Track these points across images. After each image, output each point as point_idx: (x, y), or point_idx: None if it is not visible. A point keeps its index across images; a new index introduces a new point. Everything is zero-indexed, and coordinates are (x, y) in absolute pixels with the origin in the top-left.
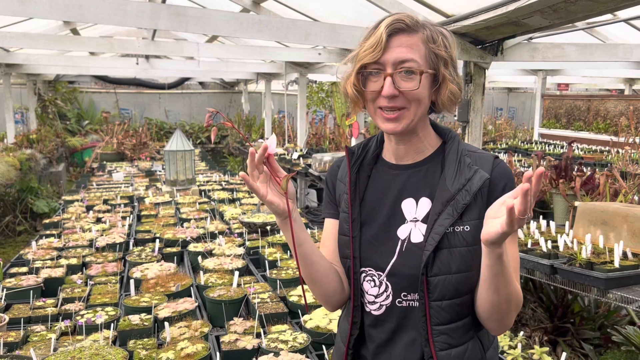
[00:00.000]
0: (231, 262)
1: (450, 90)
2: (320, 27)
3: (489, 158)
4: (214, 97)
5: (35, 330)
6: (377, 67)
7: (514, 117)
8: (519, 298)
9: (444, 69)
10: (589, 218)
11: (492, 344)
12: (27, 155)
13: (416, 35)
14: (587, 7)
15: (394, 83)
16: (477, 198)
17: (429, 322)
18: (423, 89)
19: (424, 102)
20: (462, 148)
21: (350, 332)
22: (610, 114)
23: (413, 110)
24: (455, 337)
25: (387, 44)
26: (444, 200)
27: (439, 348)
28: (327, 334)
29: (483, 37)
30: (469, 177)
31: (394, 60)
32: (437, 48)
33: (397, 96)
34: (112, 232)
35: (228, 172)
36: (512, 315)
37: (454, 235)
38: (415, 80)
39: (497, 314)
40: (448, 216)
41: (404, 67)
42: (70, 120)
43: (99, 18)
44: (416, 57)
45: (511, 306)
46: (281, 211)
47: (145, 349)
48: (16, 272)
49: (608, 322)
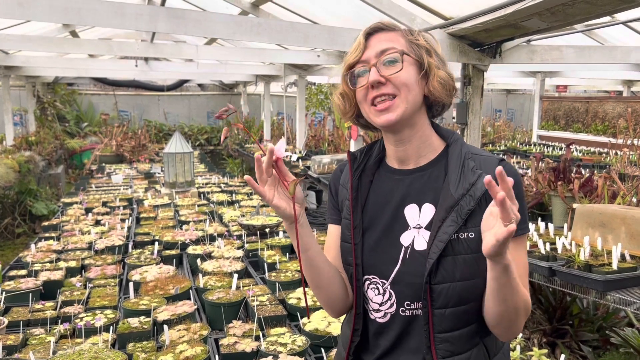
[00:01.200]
0: (230, 265)
1: (439, 76)
2: (319, 30)
3: (494, 161)
4: (213, 99)
5: (35, 333)
6: (362, 65)
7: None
8: (527, 305)
9: (428, 57)
10: (588, 220)
11: (501, 349)
12: (26, 157)
13: (393, 32)
14: (585, 10)
15: (378, 71)
16: (482, 203)
17: (431, 330)
18: (408, 73)
19: (413, 88)
20: (465, 151)
21: (351, 339)
22: (609, 116)
23: (404, 97)
24: (458, 345)
25: (366, 43)
26: (447, 206)
27: (441, 356)
28: (326, 336)
29: (481, 40)
30: (473, 182)
31: (375, 53)
32: (415, 39)
33: (383, 83)
34: (111, 235)
35: (227, 174)
36: (520, 322)
37: (458, 243)
38: (397, 65)
39: (506, 322)
40: (452, 223)
41: (386, 55)
42: (69, 122)
43: (98, 21)
44: (396, 45)
45: (519, 314)
46: (288, 215)
47: (144, 352)
48: (15, 274)
49: (607, 324)
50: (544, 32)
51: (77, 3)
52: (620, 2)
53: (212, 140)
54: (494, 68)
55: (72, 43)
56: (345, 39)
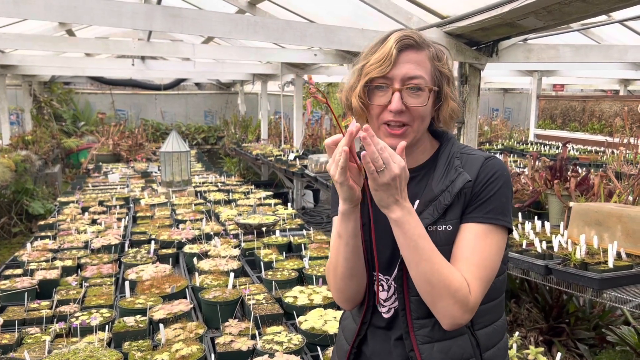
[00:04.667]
0: (227, 264)
1: (451, 107)
2: (316, 28)
3: (479, 159)
4: (210, 98)
5: (30, 333)
6: (385, 81)
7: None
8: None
9: (447, 87)
10: (584, 219)
11: (496, 345)
12: (22, 156)
13: (423, 52)
14: (581, 9)
15: (402, 99)
16: (460, 198)
17: (409, 316)
18: (427, 107)
19: (426, 119)
20: (454, 150)
21: (357, 332)
22: (605, 115)
23: (416, 127)
24: (439, 331)
25: (396, 59)
26: (427, 200)
27: (420, 342)
28: (322, 335)
29: (478, 38)
30: (453, 179)
31: (402, 76)
32: (442, 66)
33: (403, 112)
34: (107, 234)
35: (224, 173)
36: (443, 303)
37: (436, 234)
38: (422, 97)
39: (425, 296)
40: (428, 215)
41: (412, 84)
42: (66, 121)
43: (94, 19)
44: (424, 74)
45: (438, 292)
46: (355, 198)
47: (140, 351)
48: (11, 274)
49: (603, 322)
50: (541, 30)
51: (74, 1)
52: (617, 1)
53: (209, 139)
54: (490, 67)
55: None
56: (342, 37)
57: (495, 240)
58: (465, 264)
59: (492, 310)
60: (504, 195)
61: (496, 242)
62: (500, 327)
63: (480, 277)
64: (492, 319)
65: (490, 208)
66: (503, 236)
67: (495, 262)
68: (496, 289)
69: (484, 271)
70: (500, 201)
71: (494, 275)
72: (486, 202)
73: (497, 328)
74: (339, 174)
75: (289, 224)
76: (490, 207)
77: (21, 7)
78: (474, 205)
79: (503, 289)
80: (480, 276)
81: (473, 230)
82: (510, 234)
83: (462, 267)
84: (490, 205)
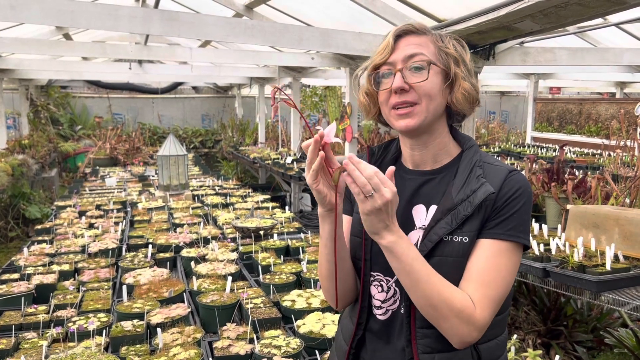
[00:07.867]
0: (224, 267)
1: (464, 88)
2: (313, 32)
3: (503, 171)
4: (207, 101)
5: (27, 338)
6: (388, 67)
7: (506, 121)
8: (452, 307)
9: (456, 67)
10: (581, 221)
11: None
12: (19, 160)
13: (424, 36)
14: (577, 12)
15: (403, 78)
16: (480, 210)
17: (413, 324)
18: (433, 83)
19: (435, 99)
20: (477, 158)
21: (354, 333)
22: (602, 117)
23: (425, 106)
24: (441, 342)
25: (395, 45)
26: (445, 208)
27: (421, 351)
28: (320, 339)
29: (475, 42)
30: (475, 189)
31: (403, 57)
32: (445, 47)
33: (407, 91)
34: (104, 238)
35: (222, 176)
36: (449, 324)
37: (450, 245)
38: (423, 73)
39: (429, 318)
40: (446, 225)
41: (413, 61)
42: (62, 125)
43: (91, 23)
44: (425, 52)
45: (441, 314)
46: (328, 202)
47: (137, 356)
48: (7, 278)
49: (601, 325)
50: (537, 34)
51: (70, 5)
52: (612, 4)
53: (206, 143)
54: (487, 70)
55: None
56: (339, 41)
57: (514, 259)
58: (479, 282)
59: (496, 325)
60: (527, 212)
61: (514, 262)
62: (502, 342)
63: (493, 296)
64: (495, 334)
65: (513, 225)
66: (520, 254)
67: (510, 281)
68: (503, 304)
69: (497, 290)
70: (523, 218)
71: (506, 293)
72: (509, 219)
73: (499, 343)
74: (309, 177)
75: (286, 227)
76: (513, 224)
77: (18, 11)
78: (495, 221)
79: (509, 303)
80: (493, 295)
81: (492, 247)
82: (525, 250)
83: (475, 285)
84: (513, 222)
